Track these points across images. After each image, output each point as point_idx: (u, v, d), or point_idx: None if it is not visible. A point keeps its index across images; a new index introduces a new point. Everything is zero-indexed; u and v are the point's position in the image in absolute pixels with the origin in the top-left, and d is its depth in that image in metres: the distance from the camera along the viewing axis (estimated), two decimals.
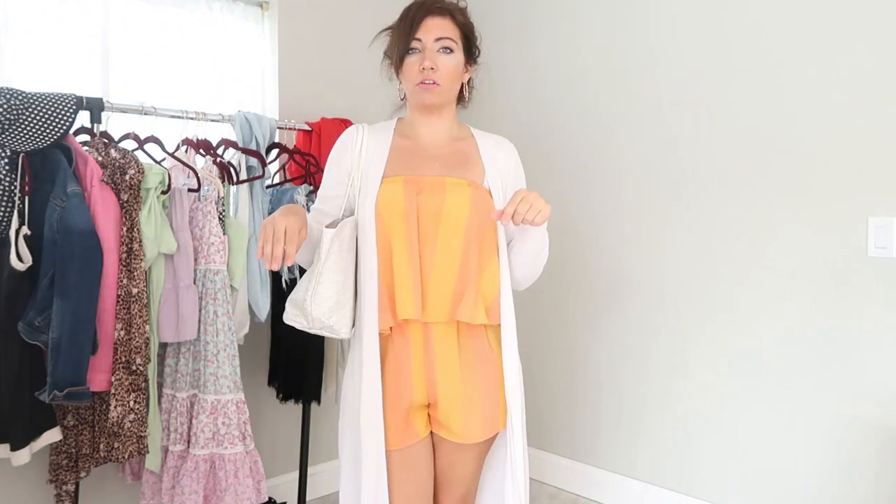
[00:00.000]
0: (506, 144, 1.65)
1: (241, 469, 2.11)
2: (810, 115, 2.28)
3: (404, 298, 1.47)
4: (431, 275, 1.49)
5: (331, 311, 1.47)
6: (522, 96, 3.13)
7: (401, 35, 1.52)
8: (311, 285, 1.46)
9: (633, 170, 2.75)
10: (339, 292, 1.48)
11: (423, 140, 1.59)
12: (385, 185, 1.51)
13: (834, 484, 2.26)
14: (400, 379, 1.51)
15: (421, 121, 1.59)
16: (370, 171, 1.54)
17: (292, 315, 1.50)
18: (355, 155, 1.56)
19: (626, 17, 2.75)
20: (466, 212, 1.50)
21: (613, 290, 2.83)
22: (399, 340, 1.52)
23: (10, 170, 1.86)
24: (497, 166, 1.59)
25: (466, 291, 1.50)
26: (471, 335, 1.53)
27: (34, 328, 1.84)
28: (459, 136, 1.62)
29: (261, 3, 2.78)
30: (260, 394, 2.72)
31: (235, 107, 2.57)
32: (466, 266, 1.50)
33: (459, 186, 1.52)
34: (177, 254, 2.10)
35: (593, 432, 2.91)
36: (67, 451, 2.04)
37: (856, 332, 2.20)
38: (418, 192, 1.50)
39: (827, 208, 2.25)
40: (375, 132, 1.59)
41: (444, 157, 1.57)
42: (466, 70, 1.59)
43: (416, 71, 1.49)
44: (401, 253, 1.48)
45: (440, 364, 1.51)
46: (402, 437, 1.51)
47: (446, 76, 1.51)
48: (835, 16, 2.22)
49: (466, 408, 1.51)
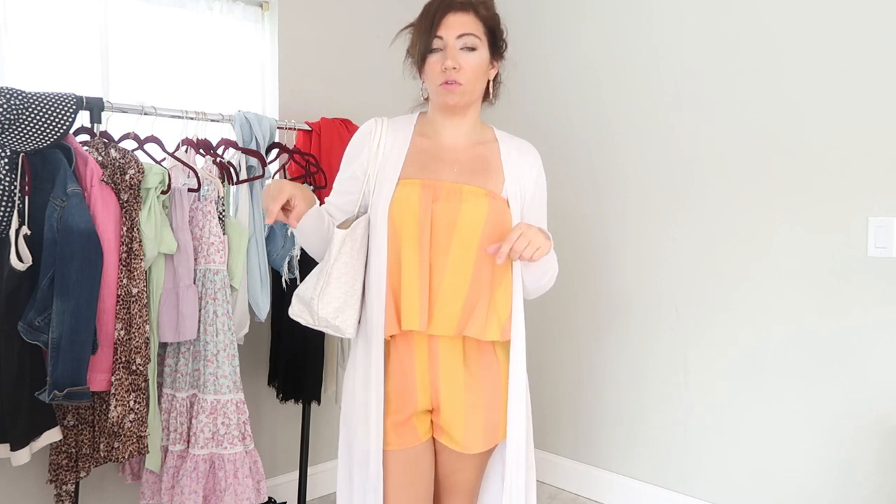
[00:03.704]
0: (530, 151, 1.58)
1: (241, 469, 2.11)
2: (811, 116, 2.28)
3: (409, 309, 1.42)
4: (441, 287, 1.43)
5: (337, 311, 1.44)
6: (526, 95, 3.13)
7: (421, 33, 1.45)
8: (320, 284, 1.42)
9: (634, 169, 2.75)
10: (347, 293, 1.44)
11: (444, 141, 1.52)
12: (401, 187, 1.45)
13: (834, 483, 2.25)
14: (405, 382, 1.48)
15: (443, 121, 1.52)
16: (386, 170, 1.48)
17: (298, 311, 1.47)
18: (372, 151, 1.49)
19: (631, 16, 2.75)
20: (482, 223, 1.43)
21: (614, 289, 2.82)
22: (403, 345, 1.48)
23: (10, 170, 1.86)
24: (518, 174, 1.52)
25: (477, 306, 1.44)
26: (479, 349, 1.49)
27: (34, 328, 1.84)
28: (481, 139, 1.55)
29: (261, 3, 2.78)
30: (260, 394, 2.72)
31: (235, 107, 2.57)
32: (478, 280, 1.44)
33: (477, 196, 1.45)
34: (177, 254, 2.10)
35: (594, 432, 2.91)
36: (67, 450, 2.04)
37: (856, 332, 2.20)
38: (434, 199, 1.43)
39: (827, 208, 2.25)
40: (395, 128, 1.53)
41: (464, 162, 1.50)
42: (493, 66, 1.52)
43: (437, 71, 1.43)
44: (410, 261, 1.42)
45: (444, 372, 1.47)
46: (403, 438, 1.48)
47: (470, 75, 1.44)
48: (837, 17, 2.22)
49: (468, 417, 1.48)
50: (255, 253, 2.31)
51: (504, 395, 1.50)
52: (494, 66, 1.52)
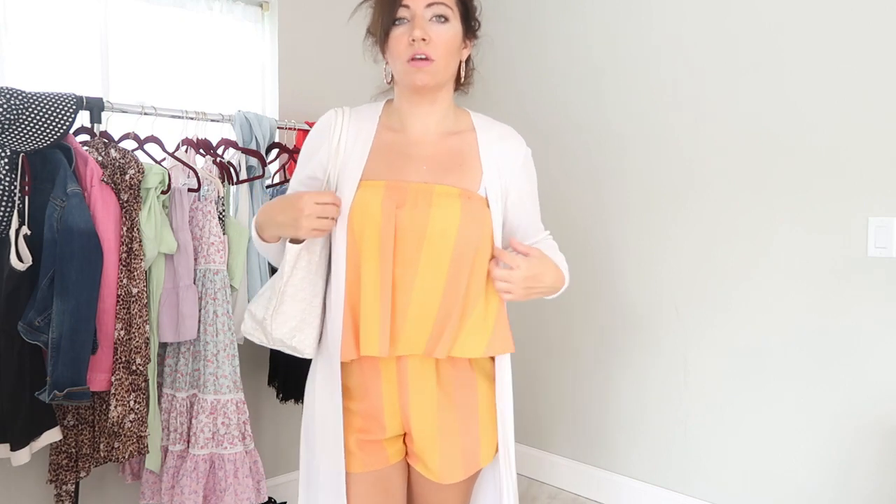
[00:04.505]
0: (512, 137, 1.37)
1: (241, 469, 2.11)
2: (811, 116, 2.28)
3: (369, 332, 1.24)
4: (409, 306, 1.24)
5: (294, 330, 1.28)
6: (524, 95, 3.13)
7: (384, 3, 1.26)
8: (273, 303, 1.27)
9: (634, 169, 2.74)
10: (304, 311, 1.28)
11: (412, 134, 1.33)
12: (362, 190, 1.26)
13: (834, 484, 2.25)
14: (371, 408, 1.32)
15: (410, 109, 1.32)
16: (347, 169, 1.29)
17: (250, 329, 1.32)
18: (332, 147, 1.30)
19: (631, 15, 2.75)
20: (455, 231, 1.23)
21: (614, 289, 2.82)
22: (369, 366, 1.31)
23: (10, 170, 1.86)
24: (498, 165, 1.32)
25: (448, 324, 1.26)
26: (453, 366, 1.32)
27: (34, 328, 1.84)
28: (456, 127, 1.35)
29: (261, 3, 2.78)
30: (260, 394, 2.72)
31: (235, 107, 2.57)
32: (452, 295, 1.25)
33: (449, 198, 1.25)
34: (177, 253, 2.10)
35: (594, 432, 2.91)
36: (67, 450, 2.04)
37: (856, 332, 2.20)
38: (399, 205, 1.23)
39: (827, 208, 2.25)
40: (357, 120, 1.34)
41: (435, 158, 1.31)
42: (465, 45, 1.32)
43: (404, 44, 1.23)
44: (371, 277, 1.24)
45: (414, 394, 1.31)
46: (370, 458, 1.32)
47: (441, 51, 1.24)
48: (838, 17, 2.22)
49: (444, 443, 1.32)
50: (255, 253, 2.31)
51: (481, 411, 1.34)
52: (467, 45, 1.33)
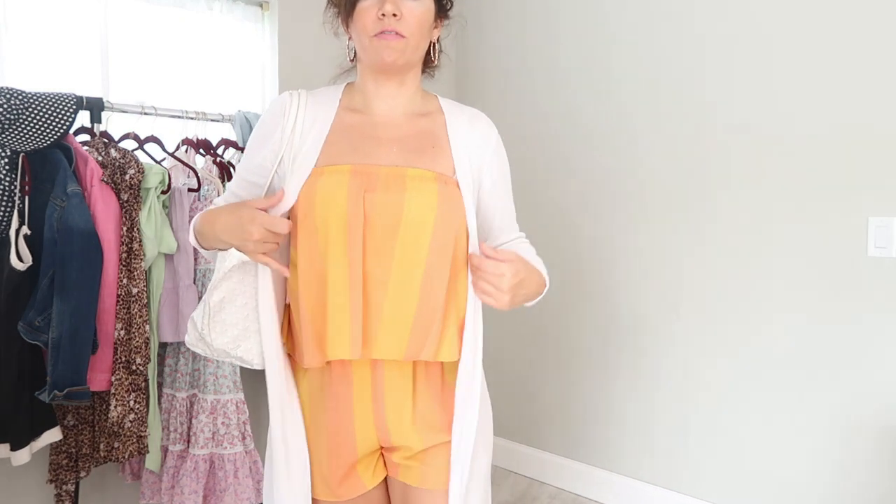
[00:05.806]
0: (482, 121, 1.28)
1: (241, 469, 2.11)
2: (810, 116, 2.28)
3: (337, 333, 1.12)
4: (384, 302, 1.12)
5: (237, 340, 1.18)
6: (525, 95, 3.13)
7: None
8: (208, 309, 1.17)
9: (631, 169, 2.74)
10: (247, 317, 1.18)
11: (378, 115, 1.21)
12: (324, 176, 1.13)
13: (835, 484, 2.25)
14: (340, 422, 1.18)
15: (376, 90, 1.21)
16: (301, 154, 1.16)
17: (193, 340, 1.20)
18: (286, 133, 1.18)
19: (627, 15, 2.75)
20: (432, 217, 1.12)
21: (614, 290, 2.82)
22: (339, 373, 1.18)
23: (10, 170, 1.86)
24: (469, 151, 1.22)
25: (433, 322, 1.15)
26: (427, 372, 1.20)
27: (34, 328, 1.84)
28: (424, 109, 1.25)
29: (261, 3, 2.78)
30: (260, 394, 2.72)
31: (235, 107, 2.57)
32: (431, 288, 1.14)
33: (424, 181, 1.15)
34: (177, 253, 2.10)
35: (594, 432, 2.91)
36: (67, 450, 2.04)
37: (856, 332, 2.20)
38: (368, 190, 1.12)
39: (827, 208, 2.25)
40: (315, 103, 1.22)
41: (405, 140, 1.20)
42: (436, 25, 1.21)
43: (372, 18, 1.12)
44: (338, 273, 1.11)
45: (391, 405, 1.18)
46: (343, 487, 1.19)
47: (414, 27, 1.14)
48: (836, 16, 2.22)
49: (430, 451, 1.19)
50: None
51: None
52: (438, 25, 1.23)
